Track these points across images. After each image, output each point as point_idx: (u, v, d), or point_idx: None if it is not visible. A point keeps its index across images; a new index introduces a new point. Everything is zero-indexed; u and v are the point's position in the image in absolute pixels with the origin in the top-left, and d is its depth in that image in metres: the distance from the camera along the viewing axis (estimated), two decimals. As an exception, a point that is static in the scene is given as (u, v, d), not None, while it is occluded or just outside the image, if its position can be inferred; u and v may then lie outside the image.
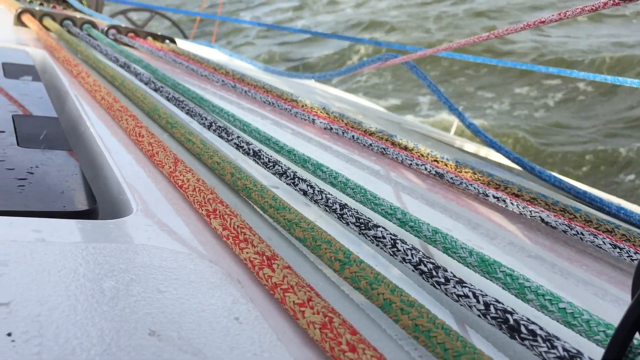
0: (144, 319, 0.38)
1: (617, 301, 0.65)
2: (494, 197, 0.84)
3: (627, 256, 0.69)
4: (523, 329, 0.41)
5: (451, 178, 0.90)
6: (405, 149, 1.05)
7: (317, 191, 0.64)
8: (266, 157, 0.73)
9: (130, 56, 1.33)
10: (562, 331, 0.45)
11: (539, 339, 0.40)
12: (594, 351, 0.41)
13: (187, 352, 0.36)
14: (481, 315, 0.44)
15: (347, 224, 0.59)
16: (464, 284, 0.46)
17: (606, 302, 0.64)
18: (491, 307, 0.43)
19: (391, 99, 7.85)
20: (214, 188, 0.60)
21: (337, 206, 0.61)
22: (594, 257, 0.76)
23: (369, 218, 0.57)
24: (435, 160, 1.00)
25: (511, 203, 0.81)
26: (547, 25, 0.94)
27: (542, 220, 0.77)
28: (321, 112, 1.19)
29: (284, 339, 0.40)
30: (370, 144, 1.03)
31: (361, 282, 0.46)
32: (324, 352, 0.39)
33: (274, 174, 0.71)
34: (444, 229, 0.60)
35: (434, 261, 0.50)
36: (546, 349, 0.39)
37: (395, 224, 0.63)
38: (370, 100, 3.56)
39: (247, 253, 0.48)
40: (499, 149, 1.46)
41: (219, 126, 0.83)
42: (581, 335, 0.44)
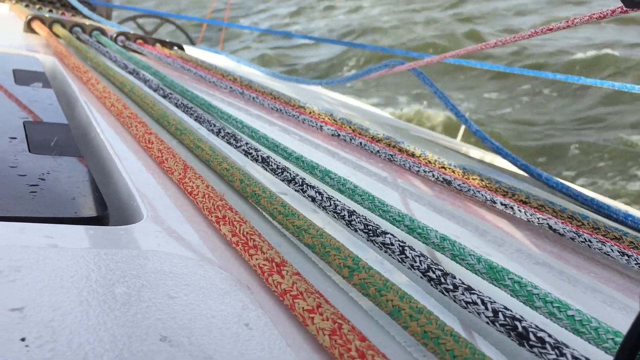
0: (155, 325, 0.38)
1: (626, 308, 0.65)
2: (501, 204, 0.84)
3: (635, 263, 0.69)
4: (532, 336, 0.41)
5: (459, 185, 0.91)
6: (413, 155, 1.05)
7: (326, 198, 0.64)
8: (275, 164, 0.73)
9: (139, 63, 1.34)
10: (571, 338, 0.45)
11: (547, 346, 0.40)
12: (602, 359, 0.41)
13: (197, 357, 0.36)
14: (490, 322, 0.44)
15: (356, 231, 0.59)
16: (472, 291, 0.46)
17: (614, 309, 0.64)
18: (500, 314, 0.43)
19: (374, 98, 8.41)
20: (224, 194, 0.60)
21: (345, 213, 0.61)
22: (601, 265, 0.76)
23: (377, 225, 0.58)
24: (442, 167, 1.00)
25: (519, 210, 0.81)
26: (554, 31, 0.95)
27: (549, 227, 0.77)
28: (329, 118, 1.19)
29: (293, 345, 0.41)
30: (377, 151, 1.04)
31: (370, 289, 0.46)
32: (333, 358, 0.39)
33: (283, 180, 0.71)
34: (451, 235, 0.60)
35: (442, 268, 0.50)
36: (555, 357, 0.39)
37: (403, 230, 0.63)
38: (376, 106, 3.58)
39: (256, 259, 0.48)
40: (506, 155, 1.46)
41: (228, 132, 0.84)
42: (590, 342, 0.44)
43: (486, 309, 0.45)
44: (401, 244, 0.54)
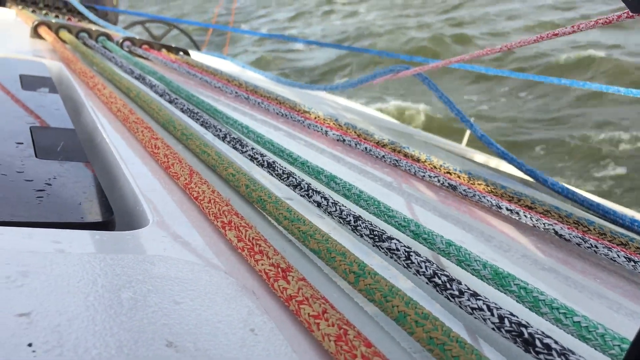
0: (161, 330, 0.38)
1: (632, 314, 0.65)
2: (507, 209, 0.84)
3: (641, 269, 0.69)
4: (538, 342, 0.41)
5: (464, 190, 0.90)
6: (418, 160, 1.05)
7: (331, 203, 0.64)
8: (280, 169, 0.73)
9: (145, 68, 1.34)
10: (577, 345, 0.45)
11: (553, 352, 0.40)
12: (609, 365, 0.41)
13: None
14: (495, 329, 0.44)
15: (361, 236, 0.59)
16: (478, 297, 0.46)
17: (621, 315, 0.64)
18: (505, 321, 0.43)
19: (361, 99, 8.82)
20: (229, 200, 0.60)
21: (351, 218, 0.61)
22: (608, 270, 0.76)
23: (382, 230, 0.58)
24: (448, 172, 1.00)
25: (524, 215, 0.81)
26: (560, 36, 0.95)
27: (555, 232, 0.77)
28: (334, 123, 1.19)
29: (299, 350, 0.41)
30: (383, 156, 1.04)
31: (376, 295, 0.46)
32: None
33: (288, 185, 0.71)
34: (457, 241, 0.60)
35: (448, 273, 0.50)
36: (561, 363, 0.39)
37: (408, 236, 0.63)
38: (382, 112, 3.58)
39: (262, 265, 0.48)
40: (511, 160, 1.46)
41: (233, 138, 0.84)
42: (596, 349, 0.44)
43: (492, 315, 0.44)
44: (407, 249, 0.54)
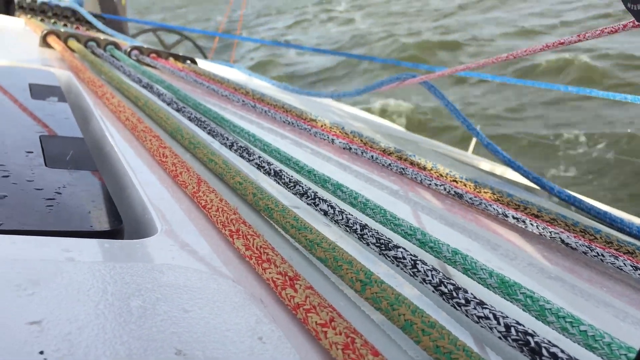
0: (171, 338, 0.38)
1: (639, 323, 0.64)
2: (513, 217, 0.84)
3: (648, 278, 0.69)
4: (544, 351, 0.41)
5: (470, 198, 0.91)
6: (424, 168, 1.06)
7: (338, 211, 0.64)
8: (287, 177, 0.74)
9: (153, 77, 1.35)
10: (583, 354, 0.45)
11: (560, 361, 0.40)
12: (615, 374, 0.41)
13: None
14: (502, 337, 0.44)
15: (368, 244, 0.59)
16: (484, 306, 0.47)
17: (627, 324, 0.64)
18: (512, 329, 0.44)
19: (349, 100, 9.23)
20: (237, 208, 0.61)
21: (357, 227, 0.61)
22: (614, 279, 0.76)
23: (389, 239, 0.58)
24: (454, 181, 1.00)
25: (531, 224, 0.81)
26: (566, 45, 0.95)
27: (562, 241, 0.77)
28: (340, 131, 1.20)
29: (306, 359, 0.41)
30: (389, 164, 1.04)
31: (382, 303, 0.46)
32: None
33: (295, 194, 0.71)
34: (463, 249, 0.60)
35: (454, 282, 0.50)
36: (567, 372, 0.39)
37: (415, 244, 0.63)
38: (388, 119, 3.60)
39: (269, 273, 0.49)
40: (518, 168, 1.46)
41: (240, 146, 0.85)
42: (602, 358, 0.44)
43: (498, 323, 0.45)
44: (413, 257, 0.54)
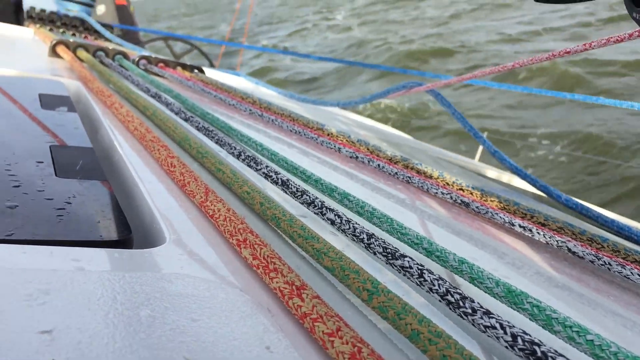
0: (179, 347, 0.39)
1: None
2: (520, 226, 0.84)
3: (656, 287, 0.68)
4: (550, 361, 0.41)
5: (477, 207, 0.91)
6: (431, 177, 1.06)
7: (345, 221, 0.65)
8: (294, 187, 0.74)
9: (161, 86, 1.36)
10: None
11: (566, 371, 0.40)
12: (622, 384, 0.41)
13: None
14: (508, 347, 0.44)
15: (374, 254, 0.60)
16: (491, 315, 0.47)
17: (635, 333, 0.64)
18: (518, 339, 0.44)
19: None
20: (244, 218, 0.61)
21: (364, 236, 0.61)
22: (622, 288, 0.75)
23: (395, 248, 0.58)
24: (460, 189, 1.00)
25: (537, 232, 0.81)
26: (572, 55, 0.95)
27: (569, 250, 0.77)
28: (346, 140, 1.20)
29: None
30: (395, 173, 1.04)
31: (389, 312, 0.47)
32: None
33: (302, 203, 0.72)
34: (470, 258, 0.61)
35: (461, 291, 0.50)
36: (574, 382, 0.39)
37: (421, 253, 0.63)
38: (393, 126, 3.61)
39: (277, 282, 0.49)
40: (525, 176, 1.46)
41: (248, 155, 0.85)
42: None
43: (505, 333, 0.45)
44: (419, 267, 0.54)
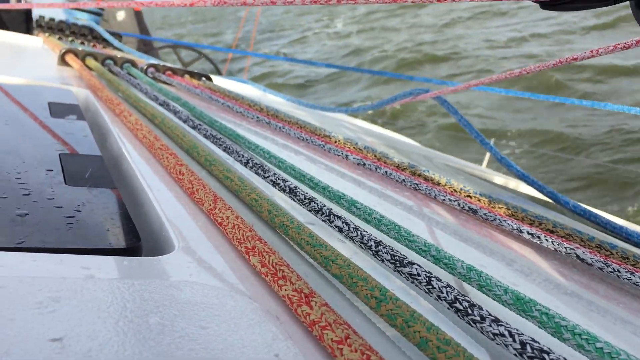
0: (189, 355, 0.39)
1: None
2: (528, 233, 0.84)
3: (666, 294, 0.68)
4: (560, 369, 0.41)
5: (485, 214, 0.91)
6: (438, 184, 1.06)
7: (353, 228, 0.65)
8: (302, 194, 0.74)
9: (169, 94, 1.37)
10: None
11: (576, 379, 0.40)
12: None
13: None
14: (517, 355, 0.44)
15: (382, 261, 0.60)
16: (499, 323, 0.47)
17: None
18: (527, 347, 0.44)
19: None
20: (253, 225, 0.61)
21: (372, 243, 0.62)
22: (631, 295, 0.75)
23: (403, 255, 0.58)
24: (468, 196, 1.00)
25: (546, 239, 0.81)
26: (579, 61, 0.95)
27: (577, 257, 0.77)
28: (354, 147, 1.20)
29: None
30: (403, 180, 1.04)
31: (397, 320, 0.47)
32: None
33: (310, 210, 0.72)
34: (478, 265, 0.61)
35: (469, 299, 0.50)
36: (584, 390, 0.39)
37: (429, 260, 0.63)
38: (400, 133, 3.61)
39: (285, 290, 0.49)
40: (532, 182, 1.46)
41: (256, 163, 0.86)
42: None
43: (514, 340, 0.45)
44: (427, 274, 0.54)
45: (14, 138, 0.86)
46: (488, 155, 2.99)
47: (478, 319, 0.48)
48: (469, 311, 0.49)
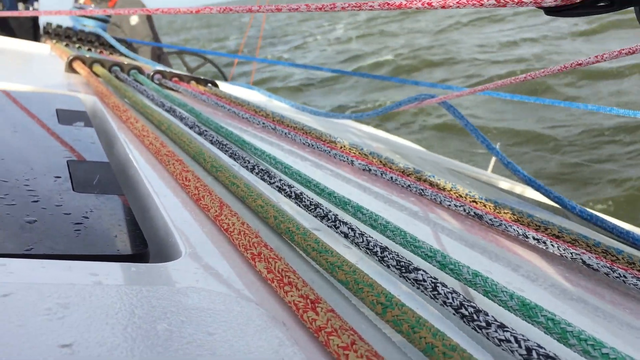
0: None
1: None
2: (534, 238, 0.84)
3: (672, 300, 0.68)
4: (565, 374, 0.41)
5: (490, 219, 0.91)
6: (444, 189, 1.06)
7: (358, 234, 0.65)
8: (308, 200, 0.75)
9: (175, 100, 1.38)
10: None
11: (581, 385, 0.40)
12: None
13: None
14: None
15: (388, 267, 0.60)
16: (505, 328, 0.47)
17: None
18: (533, 352, 0.44)
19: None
20: (259, 231, 0.62)
21: (378, 249, 0.62)
22: (637, 300, 0.75)
23: (409, 261, 0.58)
24: (473, 201, 1.00)
25: (551, 245, 0.81)
26: (583, 66, 0.95)
27: (583, 262, 0.77)
28: (359, 153, 1.21)
29: None
30: (408, 185, 1.04)
31: (403, 326, 0.47)
32: None
33: (316, 216, 0.72)
34: (483, 271, 0.61)
35: (475, 305, 0.50)
36: (589, 396, 0.39)
37: (435, 266, 0.64)
38: (406, 139, 3.62)
39: (291, 296, 0.50)
40: (539, 187, 1.45)
41: (262, 169, 0.86)
42: None
43: (519, 346, 0.45)
44: (433, 280, 0.55)
45: (23, 145, 0.87)
46: (494, 159, 2.98)
47: (484, 324, 0.48)
48: (475, 317, 0.49)
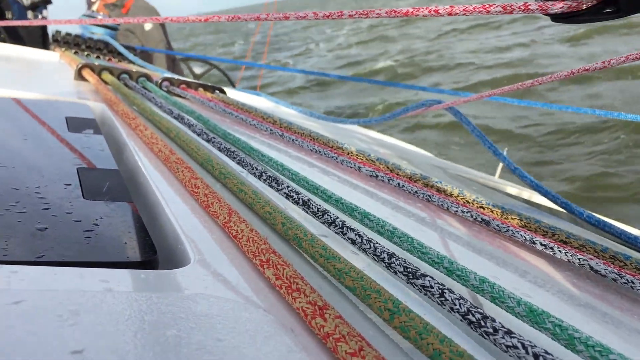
0: None
1: None
2: (541, 244, 0.84)
3: (680, 305, 0.68)
4: (573, 381, 0.41)
5: (497, 225, 0.91)
6: (451, 195, 1.06)
7: (366, 240, 0.65)
8: (315, 207, 0.75)
9: (183, 107, 1.39)
10: None
11: (589, 391, 0.40)
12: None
13: None
14: None
15: (395, 273, 0.60)
16: (512, 335, 0.47)
17: None
18: (540, 359, 0.44)
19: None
20: (267, 238, 0.62)
21: (385, 255, 0.62)
22: None
23: (416, 267, 0.59)
24: (481, 207, 1.00)
25: (559, 250, 0.81)
26: (591, 72, 0.95)
27: (591, 268, 0.77)
28: (366, 159, 1.21)
29: None
30: (415, 191, 1.05)
31: (411, 332, 0.47)
32: None
33: (323, 223, 0.73)
34: (491, 277, 0.61)
35: (482, 311, 0.50)
36: (597, 402, 0.39)
37: (442, 272, 0.64)
38: (412, 143, 3.62)
39: (299, 303, 0.50)
40: (546, 193, 1.45)
41: (269, 176, 0.87)
42: None
43: (527, 353, 0.45)
44: (441, 286, 0.55)
45: (33, 153, 0.88)
46: (501, 165, 2.98)
47: (491, 330, 0.48)
48: (482, 323, 0.49)
